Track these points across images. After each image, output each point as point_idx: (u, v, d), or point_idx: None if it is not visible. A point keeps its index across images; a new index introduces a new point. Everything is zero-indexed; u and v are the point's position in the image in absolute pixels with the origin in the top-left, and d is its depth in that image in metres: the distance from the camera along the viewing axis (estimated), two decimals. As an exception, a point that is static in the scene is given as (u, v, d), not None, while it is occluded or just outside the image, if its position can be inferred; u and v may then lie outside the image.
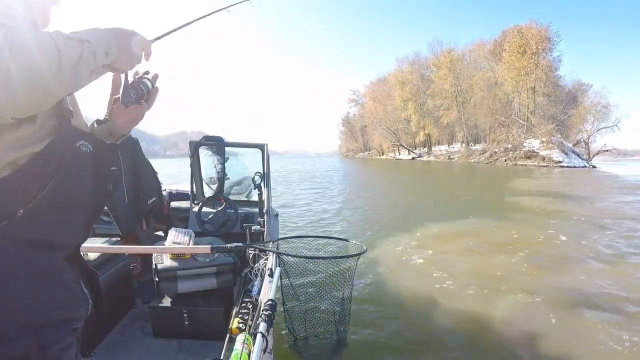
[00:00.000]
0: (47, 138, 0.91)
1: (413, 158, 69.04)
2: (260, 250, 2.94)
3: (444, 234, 7.74)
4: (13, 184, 0.85)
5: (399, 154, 76.18)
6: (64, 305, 0.96)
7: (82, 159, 1.01)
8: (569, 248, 6.66)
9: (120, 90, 1.18)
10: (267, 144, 3.92)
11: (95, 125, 1.20)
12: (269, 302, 1.94)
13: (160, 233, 3.85)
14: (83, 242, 1.10)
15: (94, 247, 2.77)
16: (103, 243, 2.99)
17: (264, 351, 1.63)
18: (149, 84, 1.23)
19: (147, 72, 1.23)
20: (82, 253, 1.12)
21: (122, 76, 1.17)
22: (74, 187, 0.99)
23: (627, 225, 8.69)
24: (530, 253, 6.24)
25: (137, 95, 1.20)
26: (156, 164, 3.75)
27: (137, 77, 1.21)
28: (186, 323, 2.88)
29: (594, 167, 43.95)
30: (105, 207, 3.19)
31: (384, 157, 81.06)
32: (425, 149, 70.92)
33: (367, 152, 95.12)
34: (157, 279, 2.82)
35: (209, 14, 1.65)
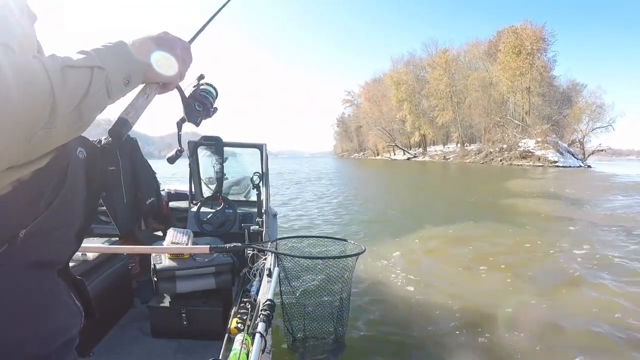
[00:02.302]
0: (52, 152, 0.76)
1: (408, 158, 69.23)
2: (259, 250, 2.94)
3: (444, 237, 7.70)
4: (15, 203, 0.71)
5: (394, 154, 76.37)
6: (67, 326, 0.88)
7: (79, 168, 0.89)
8: (576, 260, 6.08)
9: (182, 109, 1.02)
10: (265, 144, 3.91)
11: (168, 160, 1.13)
12: (268, 302, 1.94)
13: (159, 233, 3.84)
14: (74, 253, 0.97)
15: (92, 247, 2.76)
16: (102, 243, 2.98)
17: (263, 351, 1.64)
18: (212, 89, 1.06)
19: (201, 76, 1.07)
20: (80, 253, 1.01)
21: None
22: (72, 201, 0.86)
23: (636, 233, 8.06)
24: (535, 263, 6.04)
25: (204, 106, 1.04)
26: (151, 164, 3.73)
27: (194, 86, 1.05)
28: (185, 323, 2.87)
29: (589, 167, 44.27)
30: (104, 207, 3.19)
31: (379, 157, 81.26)
32: (421, 150, 71.17)
33: (362, 153, 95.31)
34: (155, 279, 2.81)
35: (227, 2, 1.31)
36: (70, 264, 0.97)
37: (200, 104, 1.02)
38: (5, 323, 0.74)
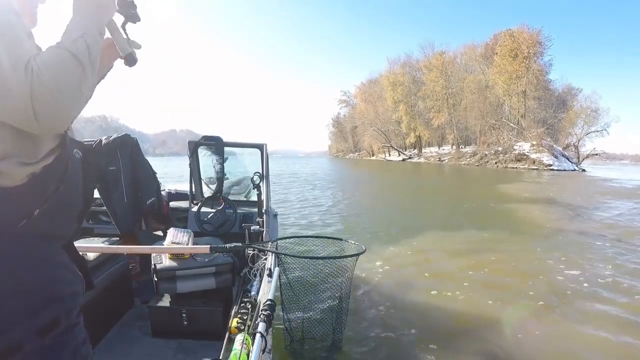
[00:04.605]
0: (56, 152, 1.07)
1: (403, 159, 69.32)
2: (259, 250, 2.94)
3: (443, 243, 7.65)
4: (31, 189, 1.00)
5: (389, 155, 76.50)
6: (71, 281, 1.12)
7: (76, 165, 1.15)
8: (579, 276, 5.70)
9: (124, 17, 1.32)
10: (266, 144, 3.91)
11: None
12: (268, 302, 1.94)
13: (159, 233, 3.83)
14: (75, 233, 1.24)
15: (93, 247, 2.76)
16: (102, 243, 2.98)
17: (263, 351, 1.64)
18: None
19: None
20: (80, 252, 1.27)
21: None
22: (72, 189, 1.13)
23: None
24: (538, 276, 5.79)
25: (135, 10, 1.34)
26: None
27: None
28: (185, 323, 2.87)
29: (583, 170, 44.40)
30: (104, 207, 3.19)
31: (374, 158, 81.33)
32: (416, 151, 71.31)
33: (357, 153, 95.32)
34: (156, 279, 2.81)
35: None
36: None
37: (133, 9, 1.31)
38: (24, 276, 0.98)
